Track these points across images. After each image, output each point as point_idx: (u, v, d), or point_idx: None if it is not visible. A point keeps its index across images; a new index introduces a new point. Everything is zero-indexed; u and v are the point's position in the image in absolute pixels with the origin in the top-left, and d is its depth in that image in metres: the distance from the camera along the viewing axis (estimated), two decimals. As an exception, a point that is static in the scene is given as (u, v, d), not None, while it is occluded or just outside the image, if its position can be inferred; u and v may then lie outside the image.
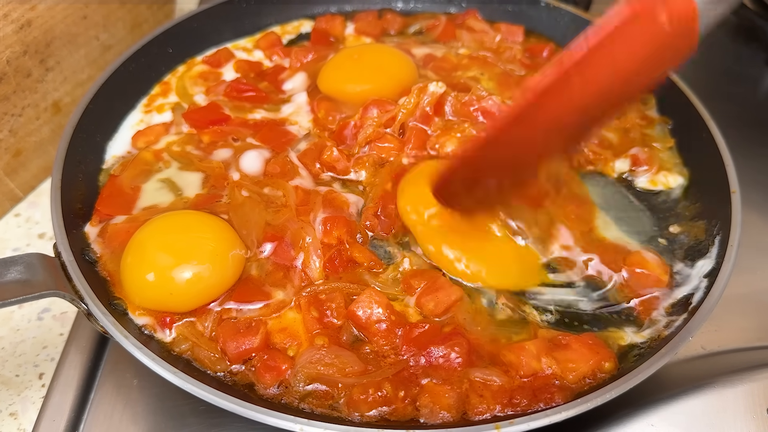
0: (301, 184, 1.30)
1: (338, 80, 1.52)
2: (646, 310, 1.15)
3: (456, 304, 1.13)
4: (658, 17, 0.84)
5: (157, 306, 1.11)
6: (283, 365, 1.04)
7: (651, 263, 1.20)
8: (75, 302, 1.05)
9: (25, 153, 1.54)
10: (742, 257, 1.14)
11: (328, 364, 1.03)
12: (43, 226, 1.52)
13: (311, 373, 1.02)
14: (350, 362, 1.03)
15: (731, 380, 1.09)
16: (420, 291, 1.14)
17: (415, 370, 1.04)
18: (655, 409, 1.06)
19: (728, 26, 2.04)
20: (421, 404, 1.00)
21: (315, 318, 1.10)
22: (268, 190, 1.29)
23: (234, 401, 0.93)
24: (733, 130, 1.35)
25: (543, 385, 1.02)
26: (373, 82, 1.49)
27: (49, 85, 1.55)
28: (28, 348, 1.29)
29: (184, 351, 1.07)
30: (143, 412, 1.14)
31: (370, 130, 1.36)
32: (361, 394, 0.99)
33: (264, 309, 1.13)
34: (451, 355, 1.04)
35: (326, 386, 1.02)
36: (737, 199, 1.21)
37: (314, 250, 1.18)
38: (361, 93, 1.44)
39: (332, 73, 1.53)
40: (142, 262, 1.11)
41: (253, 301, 1.13)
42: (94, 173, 1.36)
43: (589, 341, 1.07)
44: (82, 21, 1.60)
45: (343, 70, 1.54)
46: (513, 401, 1.00)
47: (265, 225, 1.22)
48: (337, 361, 1.03)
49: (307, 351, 1.05)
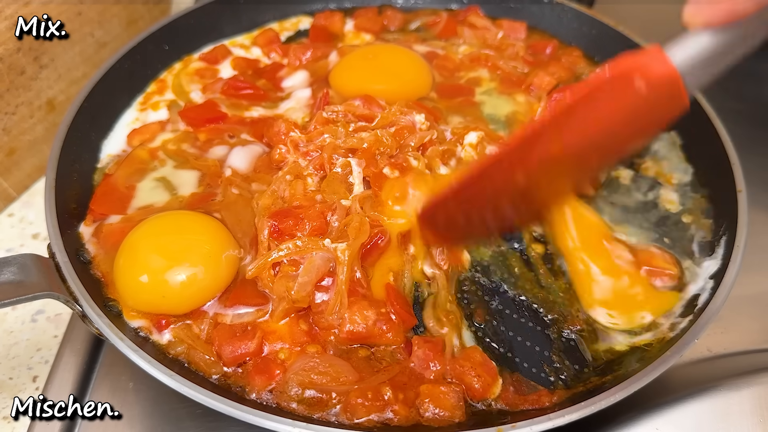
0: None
1: (353, 79, 1.52)
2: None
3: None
4: (634, 83, 0.87)
5: (150, 309, 1.11)
6: (276, 370, 1.04)
7: (659, 259, 1.21)
8: (69, 304, 1.05)
9: (18, 152, 1.55)
10: (750, 258, 1.15)
11: (322, 373, 1.02)
12: (37, 226, 1.52)
13: (304, 381, 1.02)
14: (344, 371, 1.03)
15: (738, 383, 1.09)
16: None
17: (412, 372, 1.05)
18: (660, 412, 1.06)
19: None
20: (423, 408, 1.00)
21: (303, 331, 1.10)
22: (255, 186, 1.30)
23: (232, 404, 0.93)
24: (742, 129, 1.35)
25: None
26: (388, 83, 1.49)
27: (43, 82, 1.55)
28: (21, 350, 1.29)
29: (180, 354, 1.07)
30: (139, 415, 1.14)
31: (327, 114, 1.36)
32: (358, 398, 0.99)
33: (259, 312, 1.12)
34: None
35: (320, 394, 1.01)
36: (743, 198, 1.21)
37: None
38: (373, 93, 1.42)
39: (346, 73, 1.54)
40: (134, 265, 1.12)
41: (248, 304, 1.13)
42: (88, 172, 1.36)
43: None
44: (77, 18, 1.60)
45: (358, 69, 1.54)
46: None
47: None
48: (331, 370, 1.03)
49: (300, 359, 1.05)
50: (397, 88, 1.48)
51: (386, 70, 1.54)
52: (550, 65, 1.59)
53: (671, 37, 0.86)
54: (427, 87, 1.52)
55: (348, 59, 1.58)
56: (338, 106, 1.37)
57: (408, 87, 1.50)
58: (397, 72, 1.54)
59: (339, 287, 1.08)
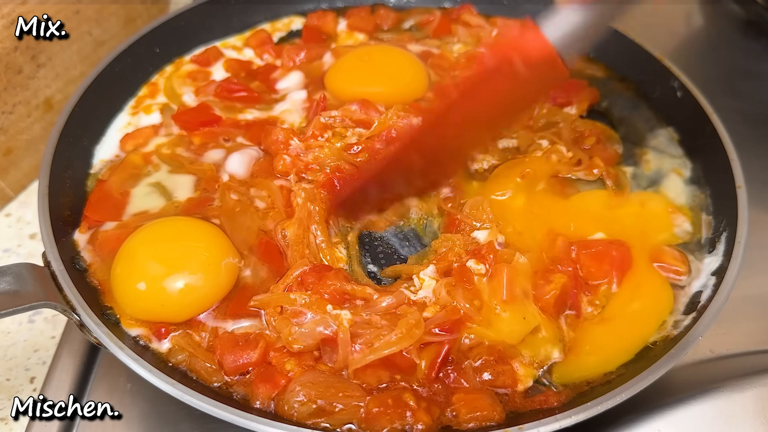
0: (285, 184, 1.30)
1: (349, 82, 1.51)
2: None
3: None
4: (514, 63, 1.02)
5: (148, 317, 1.11)
6: (282, 380, 1.03)
7: (669, 256, 1.21)
8: (67, 313, 1.04)
9: (15, 151, 1.54)
10: (752, 258, 1.15)
11: (332, 386, 1.01)
12: (34, 226, 1.51)
13: (310, 393, 0.99)
14: (352, 389, 1.01)
15: (741, 385, 1.10)
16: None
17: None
18: (662, 414, 1.06)
19: (738, 22, 2.05)
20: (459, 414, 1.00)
21: (313, 356, 1.07)
22: (254, 192, 1.30)
23: (236, 412, 0.93)
24: (743, 127, 1.36)
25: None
26: (384, 85, 1.49)
27: (40, 81, 1.55)
28: (18, 351, 1.29)
29: (180, 362, 1.07)
30: (137, 417, 1.14)
31: (324, 120, 1.35)
32: (376, 407, 0.98)
33: (261, 324, 1.11)
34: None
35: (327, 406, 0.99)
36: (743, 194, 1.22)
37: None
38: (370, 96, 1.42)
39: (342, 75, 1.53)
40: (132, 272, 1.11)
41: (248, 315, 1.12)
42: (81, 178, 1.35)
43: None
44: (74, 16, 1.59)
45: (353, 71, 1.54)
46: None
47: (258, 231, 1.22)
48: (341, 386, 1.01)
49: (309, 372, 1.04)
50: (394, 90, 1.48)
51: (382, 72, 1.54)
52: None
53: (669, 38, 0.87)
54: (423, 87, 1.51)
55: (343, 61, 1.57)
56: (335, 111, 1.37)
57: (405, 88, 1.50)
58: (393, 73, 1.54)
59: (344, 354, 1.03)
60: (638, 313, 1.14)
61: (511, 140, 1.40)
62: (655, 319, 1.13)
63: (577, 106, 1.48)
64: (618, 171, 1.37)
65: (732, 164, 1.26)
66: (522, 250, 1.18)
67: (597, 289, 1.17)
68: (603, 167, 1.35)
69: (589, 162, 1.36)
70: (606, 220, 1.26)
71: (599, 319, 1.14)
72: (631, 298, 1.16)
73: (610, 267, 1.17)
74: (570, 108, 1.48)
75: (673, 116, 1.47)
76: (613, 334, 1.11)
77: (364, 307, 1.09)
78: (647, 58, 1.51)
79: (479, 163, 1.36)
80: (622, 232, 1.23)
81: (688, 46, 1.96)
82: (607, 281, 1.17)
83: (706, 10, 2.10)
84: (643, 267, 1.19)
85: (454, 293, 1.10)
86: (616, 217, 1.27)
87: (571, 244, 1.19)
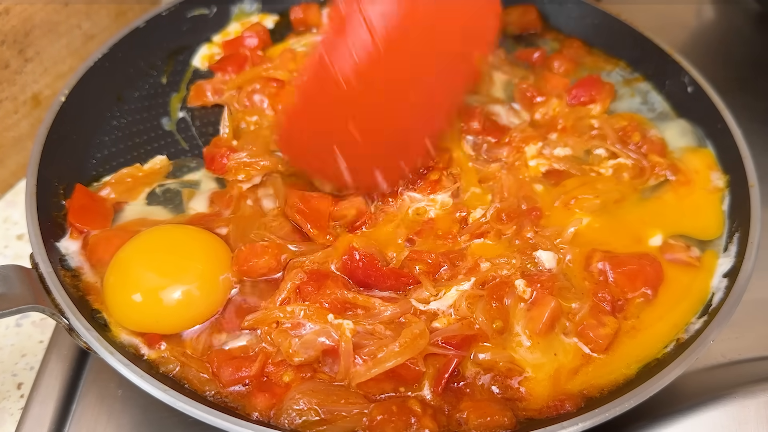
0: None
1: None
2: None
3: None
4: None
5: (141, 329, 1.10)
6: (280, 391, 1.03)
7: (681, 251, 1.23)
8: (55, 316, 1.04)
9: (2, 149, 1.54)
10: (766, 259, 1.15)
11: (332, 394, 1.01)
12: (21, 226, 1.51)
13: (311, 401, 0.99)
14: (354, 397, 1.01)
15: (753, 390, 1.10)
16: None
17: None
18: (673, 420, 1.06)
19: (751, 15, 2.05)
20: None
21: (312, 367, 1.07)
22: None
23: (233, 420, 0.93)
24: (757, 125, 1.36)
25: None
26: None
27: (28, 76, 1.55)
28: (6, 356, 1.29)
29: (171, 371, 1.06)
30: (128, 424, 1.14)
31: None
32: (380, 414, 0.98)
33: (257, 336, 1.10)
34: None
35: (329, 415, 0.99)
36: (756, 193, 1.22)
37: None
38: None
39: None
40: (125, 284, 1.11)
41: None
42: (71, 179, 1.33)
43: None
44: (64, 9, 1.58)
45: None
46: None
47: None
48: (342, 394, 1.01)
49: (309, 381, 1.04)
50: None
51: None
52: (553, 59, 1.60)
53: (680, 32, 0.86)
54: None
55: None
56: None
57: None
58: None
59: (346, 365, 1.03)
60: (672, 313, 1.15)
61: (565, 149, 1.38)
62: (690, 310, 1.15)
63: (601, 104, 1.48)
64: (671, 158, 1.37)
65: (744, 162, 1.27)
66: (569, 275, 1.18)
67: (631, 303, 1.16)
68: (665, 163, 1.34)
69: (650, 165, 1.35)
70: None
71: (634, 332, 1.13)
72: (666, 306, 1.16)
73: (644, 283, 1.16)
74: (594, 106, 1.47)
75: (684, 112, 1.48)
76: (647, 342, 1.12)
77: (366, 316, 1.08)
78: (658, 52, 1.51)
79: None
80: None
81: (700, 41, 1.96)
82: (641, 296, 1.17)
83: (718, 3, 2.09)
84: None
85: (475, 307, 1.09)
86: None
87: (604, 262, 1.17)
